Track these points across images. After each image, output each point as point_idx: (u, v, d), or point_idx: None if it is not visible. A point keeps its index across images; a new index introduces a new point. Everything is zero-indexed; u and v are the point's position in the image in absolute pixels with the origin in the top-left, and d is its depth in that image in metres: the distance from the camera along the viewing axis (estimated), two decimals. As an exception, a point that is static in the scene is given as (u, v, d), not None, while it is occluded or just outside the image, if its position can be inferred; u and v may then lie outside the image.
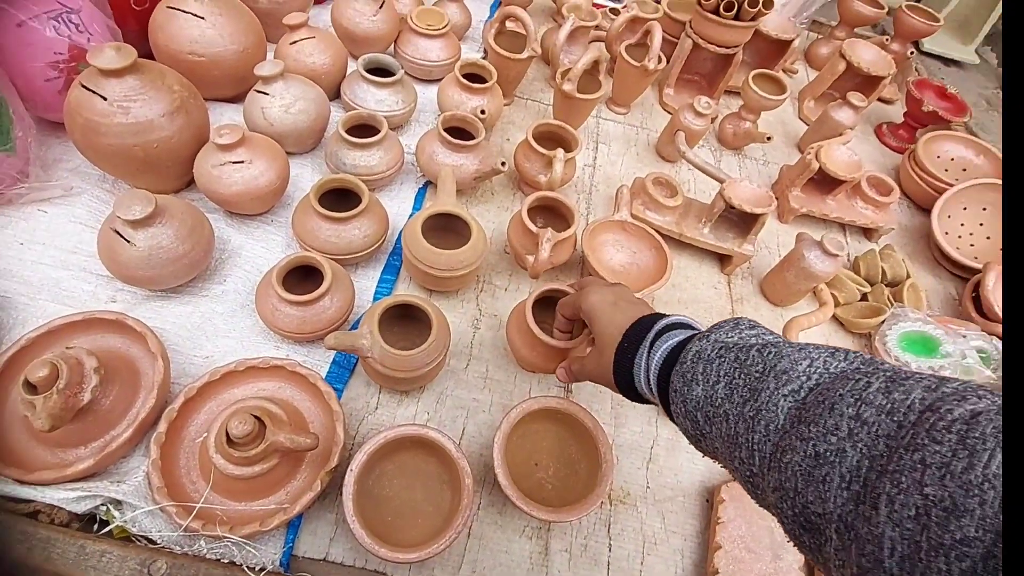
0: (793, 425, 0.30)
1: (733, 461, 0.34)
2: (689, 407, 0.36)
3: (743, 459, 0.32)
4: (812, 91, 1.16)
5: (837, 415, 0.28)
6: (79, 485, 0.50)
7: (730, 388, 0.34)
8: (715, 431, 0.35)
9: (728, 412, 0.34)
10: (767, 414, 0.31)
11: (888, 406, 0.27)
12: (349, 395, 0.64)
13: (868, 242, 0.97)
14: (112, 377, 0.55)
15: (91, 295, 0.64)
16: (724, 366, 0.35)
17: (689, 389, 0.36)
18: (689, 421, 0.37)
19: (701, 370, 0.36)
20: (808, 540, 0.29)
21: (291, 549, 0.53)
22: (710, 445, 0.36)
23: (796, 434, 0.29)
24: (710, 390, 0.35)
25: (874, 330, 0.81)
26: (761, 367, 0.33)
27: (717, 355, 0.36)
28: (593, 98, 0.88)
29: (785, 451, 0.29)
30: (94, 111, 0.62)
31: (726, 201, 0.77)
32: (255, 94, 0.76)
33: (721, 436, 0.34)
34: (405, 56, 0.96)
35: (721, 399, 0.34)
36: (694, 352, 0.37)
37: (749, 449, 0.32)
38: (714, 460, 0.38)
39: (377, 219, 0.71)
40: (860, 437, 0.27)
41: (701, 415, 0.36)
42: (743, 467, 0.33)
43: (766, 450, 0.31)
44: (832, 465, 0.27)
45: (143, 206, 0.58)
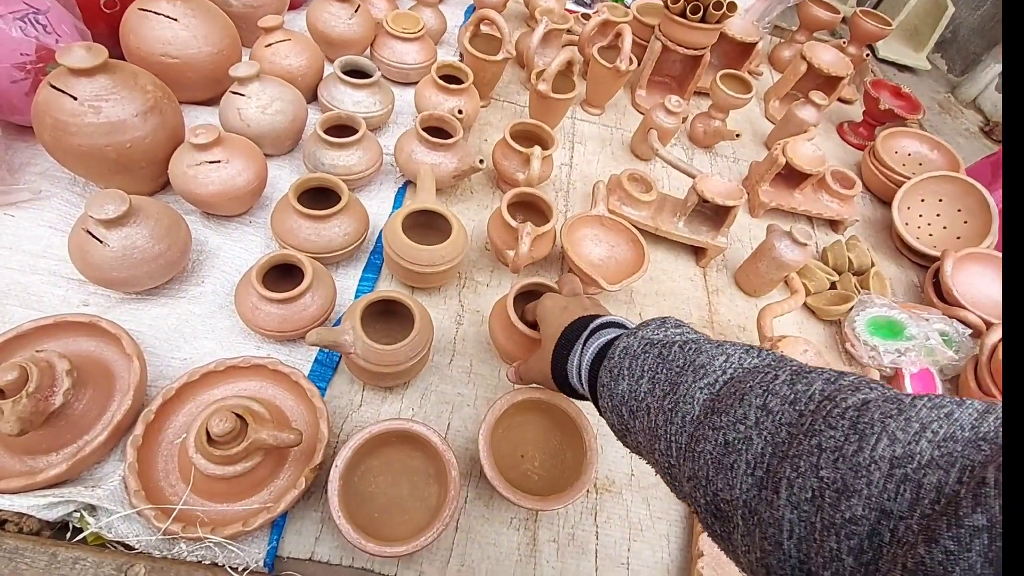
0: (707, 416, 0.31)
1: (653, 454, 0.34)
2: (615, 401, 0.37)
3: (662, 451, 0.33)
4: (777, 91, 1.20)
5: (746, 405, 0.29)
6: (50, 491, 0.48)
7: (652, 383, 0.35)
8: (638, 425, 0.36)
9: (650, 405, 0.35)
10: (684, 406, 0.32)
11: (791, 396, 0.28)
12: (333, 393, 0.63)
13: (835, 234, 1.00)
14: (85, 380, 0.53)
15: (62, 299, 0.62)
16: (648, 361, 0.36)
17: (616, 384, 0.37)
18: (615, 416, 0.37)
19: (627, 365, 0.37)
20: (719, 528, 0.30)
21: (275, 549, 0.52)
22: (634, 440, 0.37)
23: (709, 424, 0.30)
24: (635, 385, 0.36)
25: (843, 316, 0.84)
26: (681, 362, 0.34)
27: (642, 351, 0.37)
28: (567, 98, 0.90)
29: (699, 440, 0.30)
30: (63, 111, 0.60)
31: (699, 195, 0.79)
32: (231, 95, 0.75)
33: (644, 429, 0.35)
34: (381, 59, 0.96)
35: (644, 393, 0.35)
36: (621, 348, 0.38)
37: (667, 440, 0.33)
38: (638, 455, 0.39)
39: (357, 217, 0.70)
40: (765, 425, 0.28)
41: (626, 409, 0.36)
42: (662, 459, 0.33)
43: (682, 441, 0.32)
44: (739, 453, 0.28)
45: (116, 205, 0.57)
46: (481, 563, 0.56)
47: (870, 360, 0.78)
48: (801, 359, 0.65)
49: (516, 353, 0.63)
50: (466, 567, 0.55)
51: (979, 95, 2.22)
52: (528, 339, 0.61)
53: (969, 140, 2.06)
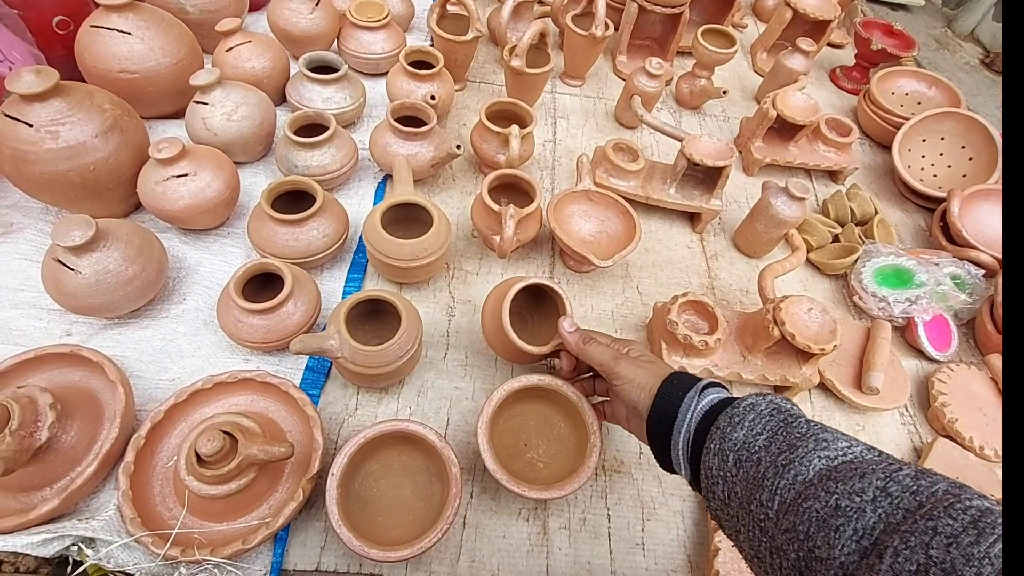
0: (821, 480, 0.32)
1: (749, 504, 0.36)
2: (725, 445, 0.39)
3: (762, 502, 0.34)
4: (763, 43, 1.16)
5: (865, 482, 0.30)
6: (44, 528, 0.48)
7: (770, 440, 0.37)
8: (741, 474, 0.37)
9: (761, 458, 0.36)
10: (799, 466, 0.34)
11: (914, 487, 0.29)
12: (327, 400, 0.62)
13: (835, 184, 0.97)
14: (71, 412, 0.52)
15: (44, 331, 0.61)
16: (771, 422, 0.38)
17: (732, 430, 0.39)
18: (718, 459, 0.39)
19: (750, 419, 0.39)
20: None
21: (280, 563, 0.51)
22: (725, 491, 0.38)
23: (823, 487, 0.32)
24: (751, 437, 0.38)
25: (849, 269, 0.81)
26: (804, 431, 0.36)
27: (768, 412, 0.39)
28: (543, 72, 0.86)
29: (807, 499, 0.32)
30: (20, 139, 0.59)
31: (688, 158, 0.76)
32: (194, 105, 0.73)
33: (746, 479, 0.37)
34: (349, 51, 0.93)
35: (758, 447, 0.37)
36: (748, 403, 0.40)
37: (771, 493, 0.34)
38: (720, 518, 0.40)
39: (335, 218, 0.68)
40: (882, 504, 0.29)
41: (733, 456, 0.38)
42: (759, 510, 0.34)
43: (788, 496, 0.33)
44: (849, 519, 0.29)
45: (83, 231, 0.55)
46: (492, 557, 0.55)
47: (880, 312, 0.75)
48: (806, 317, 0.63)
49: (505, 353, 0.63)
50: (476, 563, 0.54)
51: (976, 26, 2.14)
52: (517, 349, 0.58)
53: (970, 74, 1.98)
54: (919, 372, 0.75)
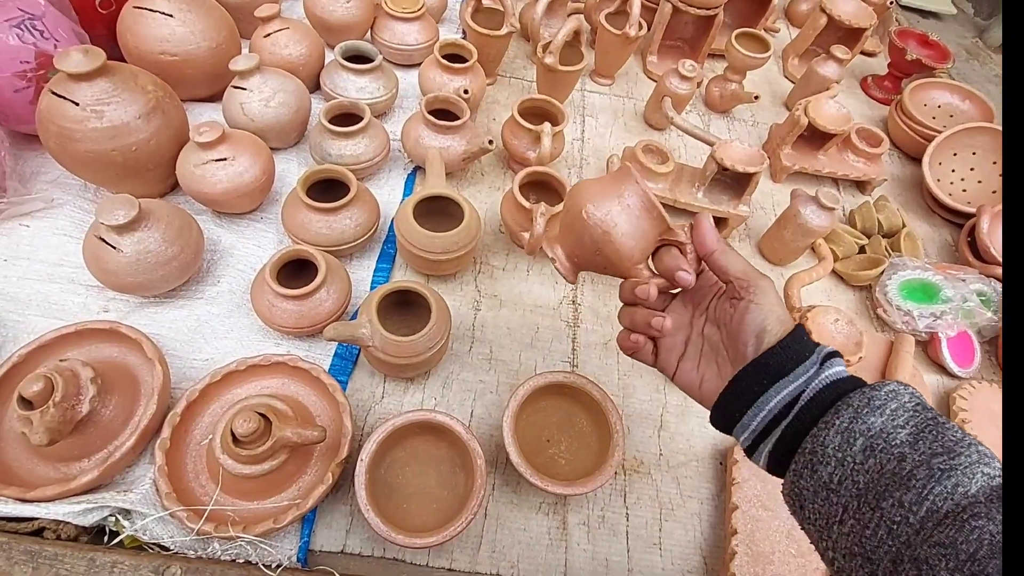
0: (990, 500, 0.29)
1: (880, 500, 0.32)
2: (855, 427, 0.34)
3: (903, 501, 0.31)
4: (795, 48, 1.15)
5: None
6: (84, 498, 0.49)
7: (915, 437, 0.33)
8: (869, 463, 0.33)
9: (906, 455, 0.33)
10: (961, 476, 0.31)
11: None
12: (354, 386, 0.63)
13: (862, 195, 0.96)
14: (110, 387, 0.54)
15: (82, 307, 0.63)
16: (916, 418, 0.34)
17: (869, 412, 0.35)
18: (840, 437, 0.35)
19: (892, 407, 0.35)
20: None
21: (307, 544, 0.52)
22: (837, 476, 0.34)
23: (997, 508, 0.29)
24: (891, 427, 0.34)
25: (874, 281, 0.80)
26: (960, 436, 0.33)
27: (912, 406, 0.35)
28: (576, 69, 0.86)
29: (976, 516, 0.29)
30: (67, 118, 0.60)
31: (718, 163, 0.76)
32: (232, 90, 0.74)
33: (876, 471, 0.33)
34: (382, 42, 0.94)
35: (900, 441, 0.33)
36: (891, 389, 0.36)
37: (920, 495, 0.31)
38: (813, 490, 0.35)
39: (367, 208, 0.69)
40: None
41: (863, 441, 0.34)
42: (895, 510, 0.31)
43: (943, 506, 0.30)
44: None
45: (127, 210, 0.56)
46: (512, 548, 0.56)
47: (904, 325, 0.75)
48: (832, 328, 0.63)
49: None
50: (497, 553, 0.55)
51: (1011, 38, 2.10)
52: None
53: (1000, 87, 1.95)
54: (940, 388, 0.75)
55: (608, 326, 0.73)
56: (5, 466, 0.51)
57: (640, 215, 0.43)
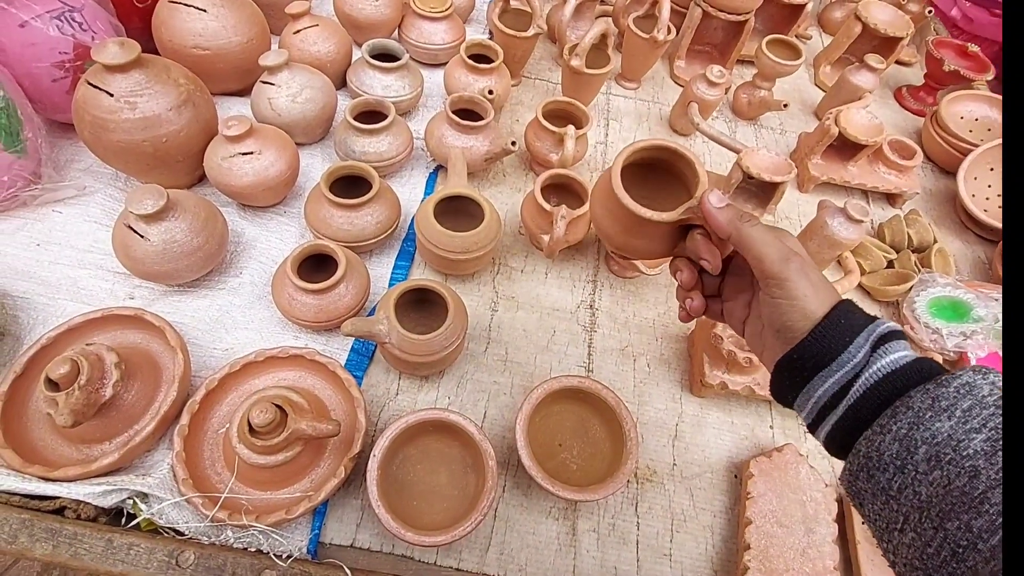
0: None
1: (944, 520, 0.28)
2: (917, 434, 0.30)
3: (971, 526, 0.27)
4: (828, 56, 1.12)
5: None
6: (104, 480, 0.50)
7: (994, 446, 0.28)
8: (935, 476, 0.29)
9: (979, 470, 0.28)
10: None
11: None
12: (369, 382, 0.63)
13: (892, 208, 0.94)
14: (133, 372, 0.55)
15: (109, 292, 0.64)
16: (998, 417, 0.29)
17: (935, 416, 0.30)
18: (899, 444, 0.30)
19: (965, 407, 0.30)
20: None
21: (318, 536, 0.53)
22: (897, 484, 0.30)
23: None
24: (963, 433, 0.29)
25: (901, 297, 0.78)
26: None
27: (995, 401, 0.29)
28: (602, 73, 0.86)
29: None
30: (101, 108, 0.61)
31: (744, 171, 0.75)
32: (261, 85, 0.75)
33: (942, 485, 0.29)
34: (410, 41, 0.94)
35: (975, 451, 0.28)
36: (964, 382, 0.30)
37: (994, 524, 0.27)
38: (873, 493, 0.32)
39: (389, 205, 0.70)
40: None
41: (927, 450, 0.29)
42: (962, 534, 0.27)
43: None
44: None
45: (155, 200, 0.58)
46: (520, 552, 0.56)
47: (932, 344, 0.73)
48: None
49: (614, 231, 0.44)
50: (505, 555, 0.55)
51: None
52: (632, 216, 0.39)
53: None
54: (967, 409, 0.72)
55: (625, 332, 0.72)
56: (31, 445, 0.52)
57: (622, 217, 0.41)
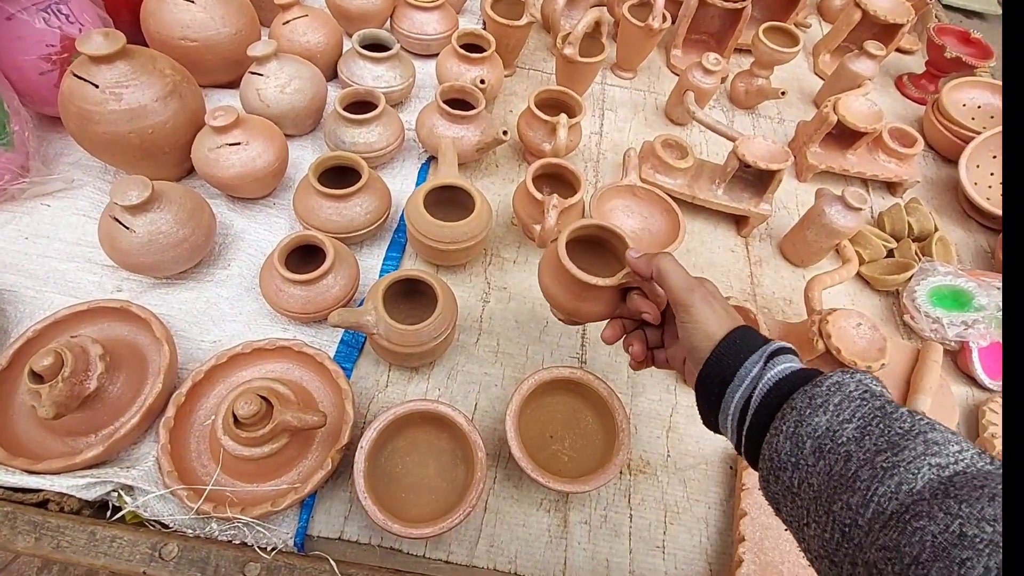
0: (935, 496, 0.28)
1: (831, 503, 0.32)
2: (802, 431, 0.34)
3: (850, 505, 0.30)
4: (827, 44, 1.11)
5: (996, 507, 0.26)
6: (89, 472, 0.50)
7: (863, 432, 0.32)
8: (821, 466, 0.33)
9: (852, 453, 0.32)
10: (905, 473, 0.30)
11: None
12: (359, 374, 0.63)
13: (893, 197, 0.93)
14: (118, 364, 0.54)
15: (96, 285, 0.64)
16: (863, 409, 0.33)
17: (813, 414, 0.34)
18: (790, 442, 0.34)
19: (836, 402, 0.34)
20: None
21: (305, 528, 0.52)
22: (795, 480, 0.34)
23: (940, 506, 0.28)
24: (837, 424, 0.33)
25: (901, 287, 0.77)
26: (909, 426, 0.32)
27: (859, 395, 0.34)
28: (596, 61, 0.85)
29: (918, 516, 0.28)
30: (87, 99, 0.61)
31: (740, 159, 0.74)
32: (250, 76, 0.75)
33: (826, 473, 0.33)
34: (401, 31, 0.93)
35: (847, 438, 0.33)
36: (834, 381, 0.35)
37: (865, 498, 0.30)
38: (779, 503, 0.36)
39: (379, 195, 0.69)
40: None
41: (812, 443, 0.34)
42: (844, 513, 0.31)
43: (888, 507, 0.29)
44: (979, 553, 0.25)
45: (140, 191, 0.57)
46: (510, 544, 0.55)
47: (932, 333, 0.72)
48: (854, 333, 0.60)
49: (564, 299, 0.51)
50: (495, 548, 0.54)
51: (1060, 38, 2.00)
52: (579, 284, 0.49)
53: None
54: (969, 400, 0.71)
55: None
56: (15, 438, 0.52)
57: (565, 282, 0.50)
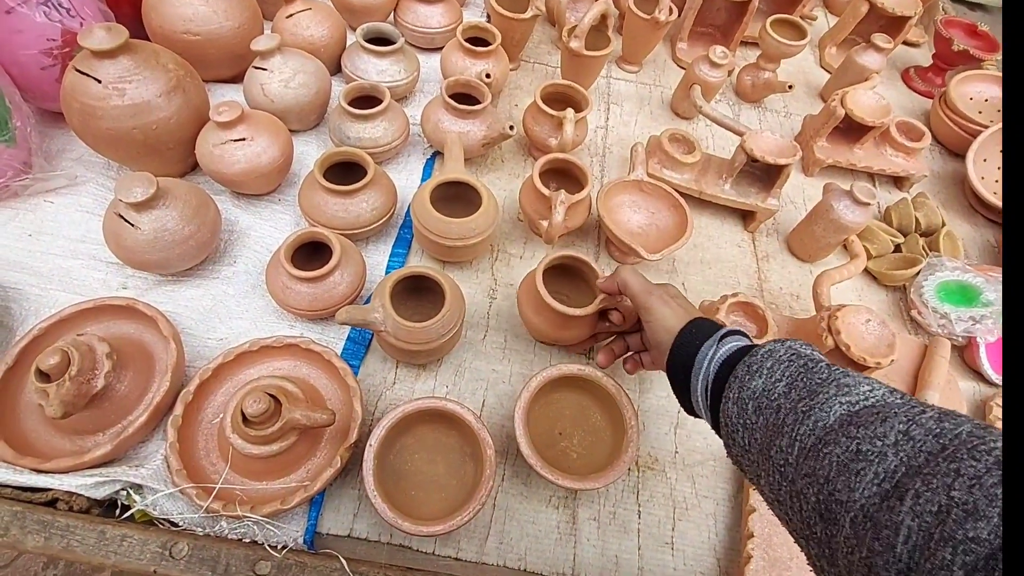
0: (842, 426, 0.32)
1: (770, 450, 0.36)
2: (744, 395, 0.39)
3: (781, 447, 0.35)
4: (833, 37, 1.10)
5: (887, 426, 0.30)
6: (97, 471, 0.50)
7: (790, 387, 0.37)
8: (760, 421, 0.38)
9: (781, 405, 0.37)
10: (819, 412, 0.34)
11: (937, 430, 0.29)
12: (366, 371, 0.63)
13: (900, 191, 0.92)
14: (126, 362, 0.54)
15: (102, 283, 0.63)
16: (791, 368, 0.38)
17: (751, 379, 0.39)
18: (738, 408, 0.39)
19: (768, 366, 0.39)
20: (819, 529, 0.31)
21: (314, 526, 0.52)
22: (746, 439, 0.39)
23: (843, 432, 0.32)
24: (770, 384, 0.38)
25: (909, 282, 0.77)
26: (825, 375, 0.36)
27: (787, 358, 0.39)
28: (602, 55, 0.84)
29: (828, 444, 0.32)
30: (89, 95, 0.60)
31: (747, 153, 0.73)
32: (253, 70, 0.74)
33: (766, 426, 0.37)
34: (405, 25, 0.92)
35: (778, 394, 0.37)
36: (767, 349, 0.40)
37: (791, 439, 0.34)
38: (741, 465, 0.41)
39: (384, 191, 0.68)
40: (904, 448, 0.29)
41: (753, 404, 0.38)
42: (778, 455, 0.35)
43: (808, 442, 0.33)
44: (870, 462, 0.29)
45: (144, 188, 0.56)
46: (520, 541, 0.55)
47: (939, 329, 0.72)
48: (863, 329, 0.60)
49: (546, 329, 0.61)
50: (505, 544, 0.54)
51: (1066, 30, 1.99)
52: (560, 315, 0.58)
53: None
54: (976, 395, 0.71)
55: (626, 319, 0.71)
56: (23, 437, 0.52)
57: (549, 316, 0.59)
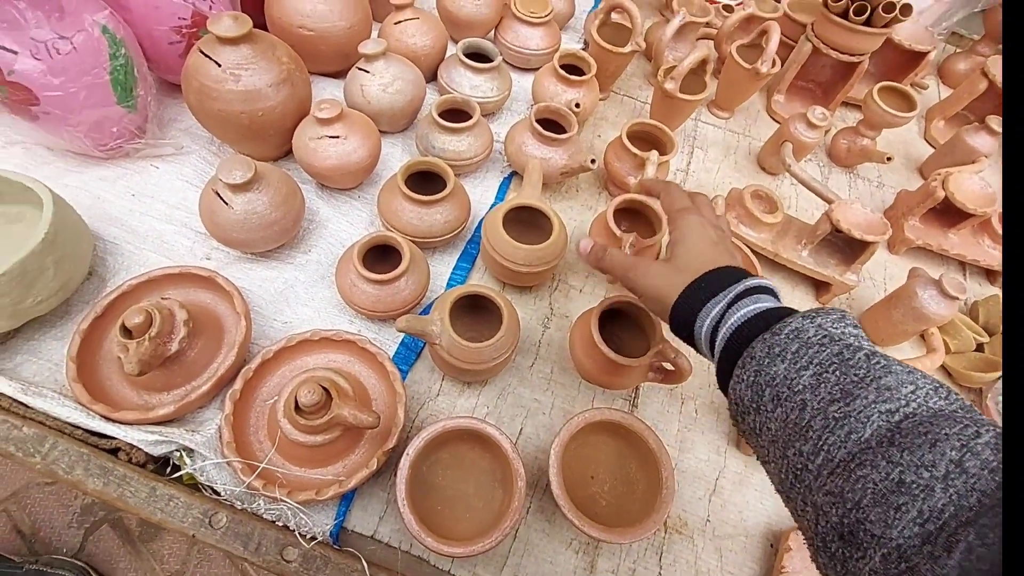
0: (880, 444, 0.29)
1: (786, 449, 0.33)
2: (760, 379, 0.35)
3: (802, 451, 0.31)
4: (943, 110, 1.04)
5: (938, 453, 0.27)
6: (158, 429, 0.53)
7: (818, 380, 0.33)
8: (778, 413, 0.34)
9: (807, 402, 0.32)
10: (854, 422, 0.30)
11: (994, 462, 0.26)
12: (413, 378, 0.64)
13: (991, 286, 0.86)
14: (199, 331, 0.58)
15: (188, 250, 0.68)
16: (821, 355, 0.33)
17: (771, 362, 0.34)
18: (751, 391, 0.35)
19: (794, 349, 0.34)
20: (838, 549, 0.29)
21: (342, 522, 0.53)
22: (758, 422, 0.35)
23: (883, 454, 0.28)
24: (794, 373, 0.33)
25: (987, 386, 0.72)
26: (864, 372, 0.32)
27: (818, 341, 0.34)
28: (696, 99, 0.83)
29: (863, 465, 0.29)
30: (208, 76, 0.64)
31: (833, 224, 0.70)
32: (356, 71, 0.77)
33: (784, 421, 0.33)
34: (504, 43, 0.94)
35: (803, 387, 0.33)
36: (793, 328, 0.35)
37: (816, 446, 0.31)
38: (748, 437, 0.37)
39: (460, 205, 0.70)
40: (954, 483, 0.26)
41: (770, 391, 0.34)
42: (797, 459, 0.32)
43: (836, 455, 0.30)
44: (914, 498, 0.26)
45: (244, 171, 0.60)
46: (535, 578, 0.55)
47: (1016, 443, 0.66)
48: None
49: (595, 373, 0.60)
50: (519, 578, 0.54)
51: None
52: (611, 362, 0.58)
53: None
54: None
55: (677, 371, 0.69)
56: (99, 384, 0.56)
57: None
